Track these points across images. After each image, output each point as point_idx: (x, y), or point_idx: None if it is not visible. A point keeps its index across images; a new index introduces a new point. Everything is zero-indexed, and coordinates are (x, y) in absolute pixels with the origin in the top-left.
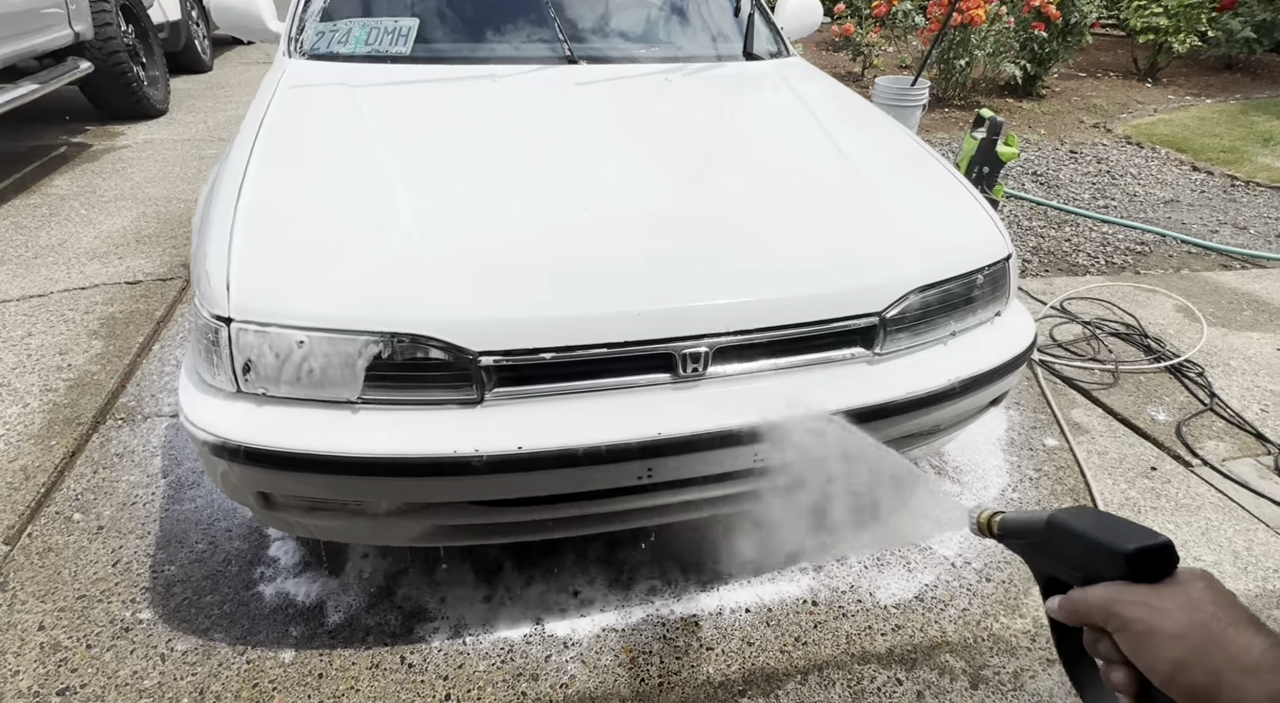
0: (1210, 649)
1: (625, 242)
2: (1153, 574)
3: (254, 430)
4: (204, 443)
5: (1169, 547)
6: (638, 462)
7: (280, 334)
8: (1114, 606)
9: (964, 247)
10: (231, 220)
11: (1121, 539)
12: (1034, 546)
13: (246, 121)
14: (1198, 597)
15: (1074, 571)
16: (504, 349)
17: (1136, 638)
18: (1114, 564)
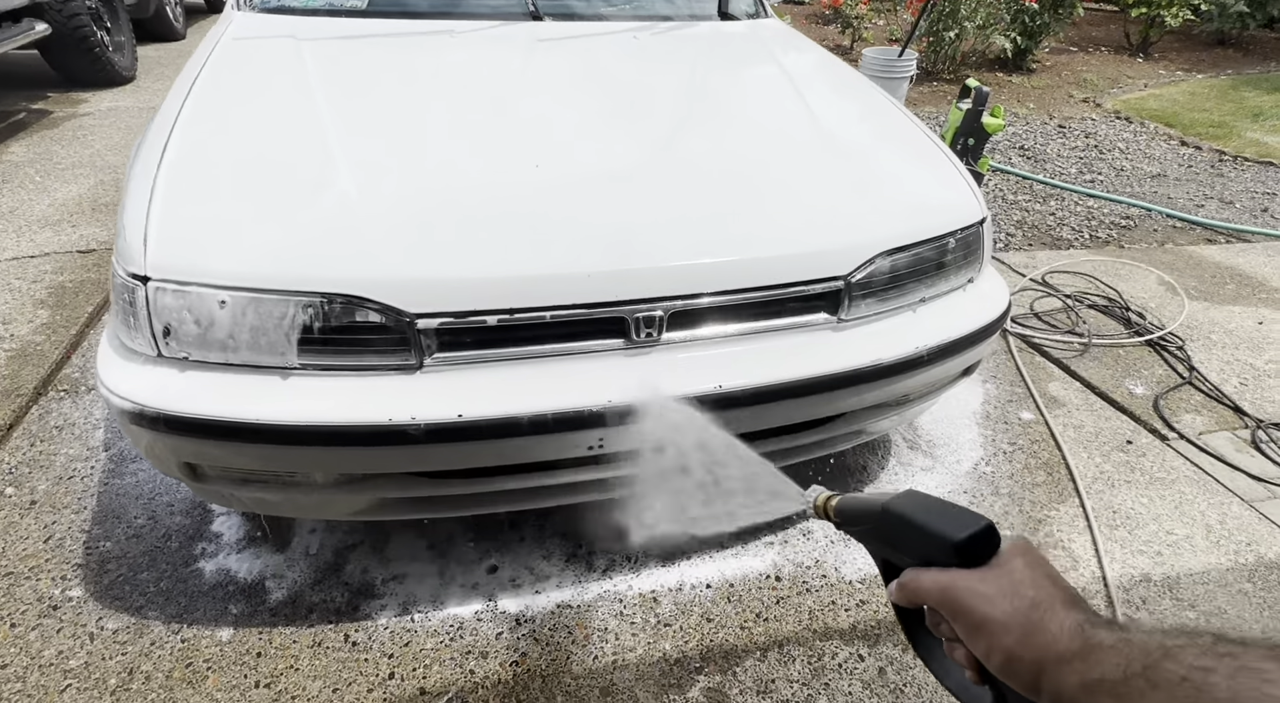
0: (1030, 639)
1: (577, 201)
2: (978, 558)
3: (174, 397)
4: (121, 411)
5: (991, 529)
6: (588, 431)
7: (201, 294)
8: (946, 594)
9: (936, 209)
10: (155, 173)
11: (950, 527)
12: (870, 531)
13: (183, 73)
14: (1018, 579)
15: (908, 556)
16: (443, 311)
17: (970, 628)
18: (944, 551)
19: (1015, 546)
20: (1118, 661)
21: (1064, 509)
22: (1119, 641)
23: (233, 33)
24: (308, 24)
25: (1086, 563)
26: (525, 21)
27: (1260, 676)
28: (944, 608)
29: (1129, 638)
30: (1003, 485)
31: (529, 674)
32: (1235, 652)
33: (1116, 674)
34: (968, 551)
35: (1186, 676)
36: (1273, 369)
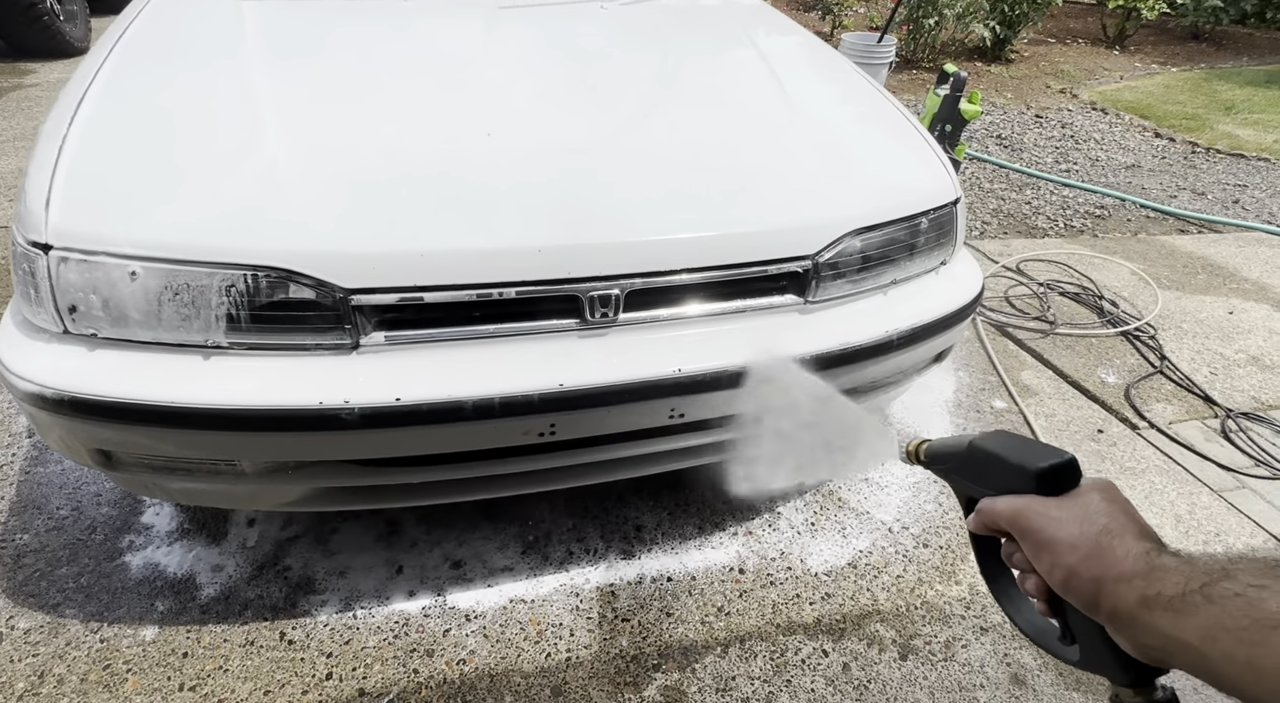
0: (1096, 559)
1: (530, 172)
2: (1058, 488)
3: (81, 378)
4: (23, 392)
5: (1073, 463)
6: (537, 416)
7: (109, 265)
8: (1019, 516)
9: (908, 189)
10: (64, 133)
11: (1032, 458)
12: (956, 469)
13: (110, 30)
14: (1094, 508)
15: (990, 489)
16: (380, 287)
17: (1037, 546)
18: (1024, 479)
19: (1098, 483)
20: (1177, 579)
21: None
22: (1182, 563)
23: None
24: None
25: None
26: None
27: None
28: (1014, 528)
29: (1193, 560)
30: None
31: (476, 674)
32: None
33: (1175, 590)
34: (1047, 479)
35: (1240, 592)
36: (1242, 359)
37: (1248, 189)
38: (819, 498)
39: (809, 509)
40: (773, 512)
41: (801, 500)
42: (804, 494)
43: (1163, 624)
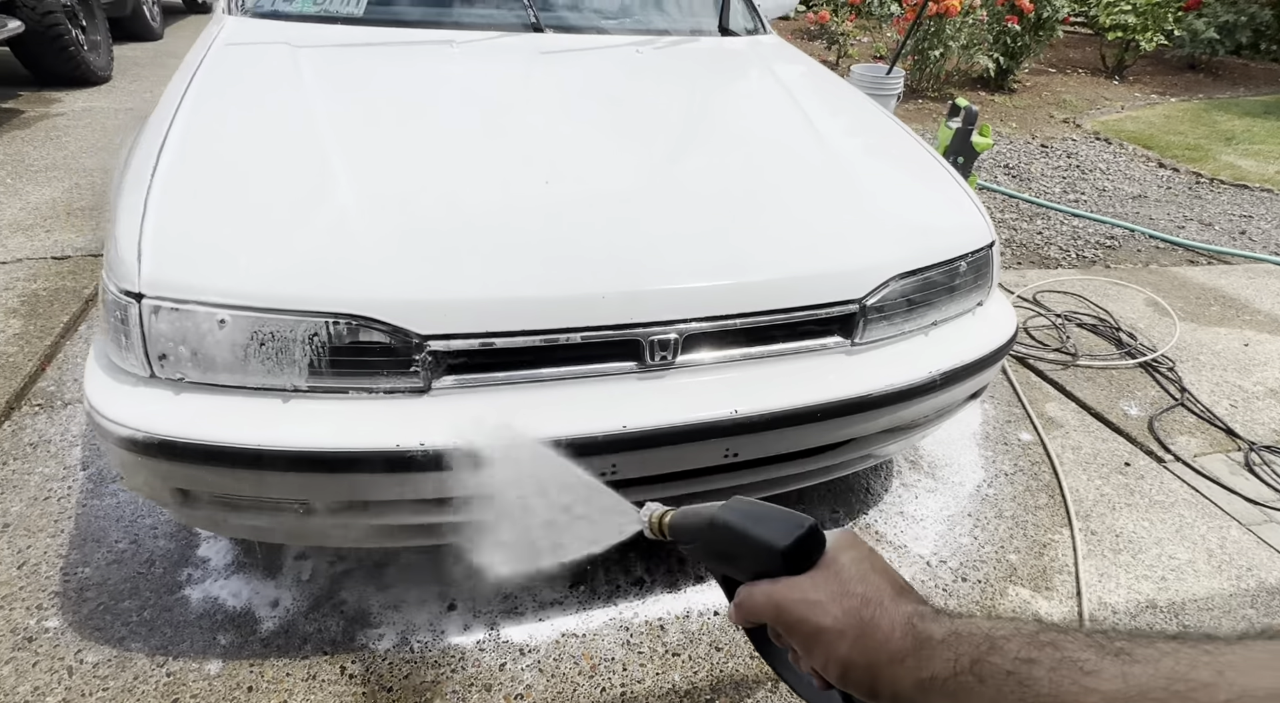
0: (864, 641)
1: (588, 220)
2: (807, 562)
3: (168, 421)
4: (111, 434)
5: (815, 530)
6: (600, 457)
7: (199, 313)
8: (780, 611)
9: (947, 232)
10: (148, 184)
11: (775, 534)
12: (703, 546)
13: (174, 79)
14: (846, 576)
15: (742, 571)
16: (453, 333)
17: (806, 641)
18: (772, 560)
19: (839, 540)
20: (948, 656)
21: (1066, 534)
22: (948, 634)
23: (225, 37)
24: (303, 30)
25: (1093, 588)
26: (526, 33)
27: (1079, 667)
28: (779, 624)
29: (957, 630)
30: (1006, 508)
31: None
32: (1057, 641)
33: (947, 671)
34: (795, 556)
35: (1011, 670)
36: (1261, 391)
37: (1253, 220)
38: (856, 531)
39: None
40: None
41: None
42: (840, 525)
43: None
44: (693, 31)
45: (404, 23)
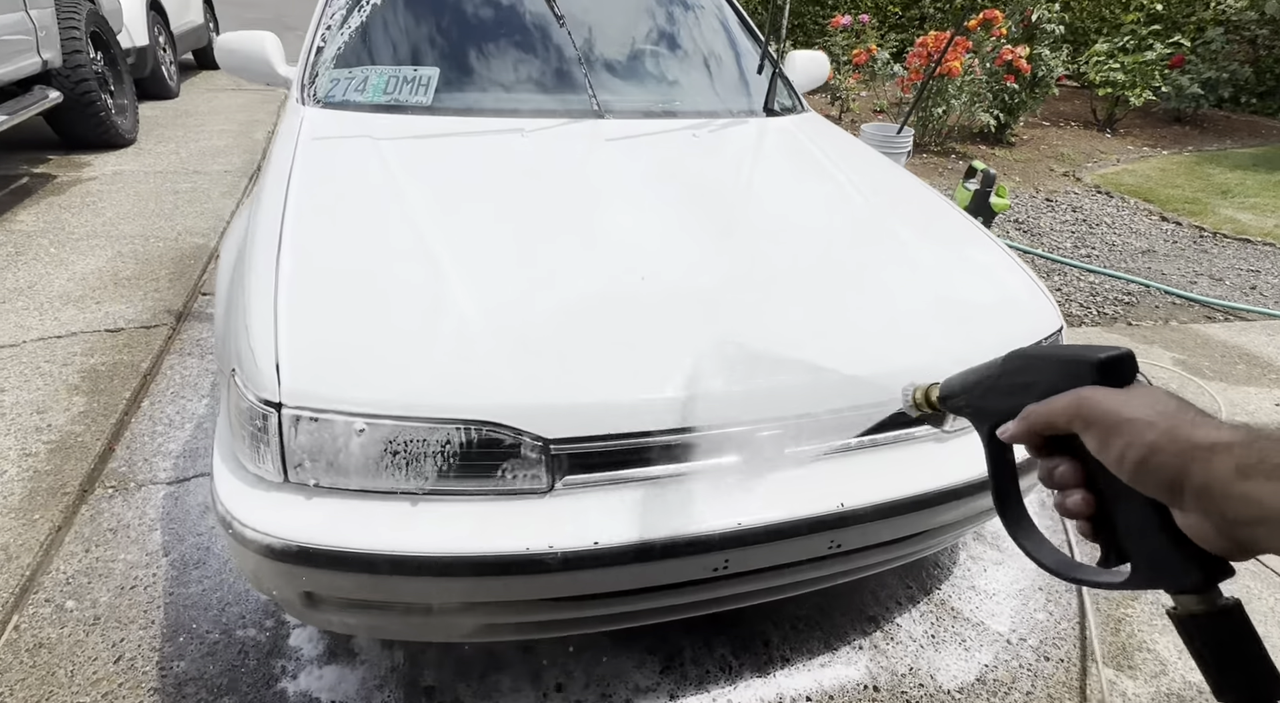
0: (1179, 432)
1: (690, 317)
2: (1119, 380)
3: (305, 528)
4: (248, 541)
5: (1131, 356)
6: (715, 554)
7: (337, 422)
8: (1083, 404)
9: (1021, 318)
10: (274, 293)
11: (1088, 351)
12: (983, 395)
13: (270, 177)
14: (1162, 396)
15: (1034, 397)
16: (578, 436)
17: (1107, 430)
18: (1082, 372)
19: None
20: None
21: (1139, 607)
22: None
23: (309, 131)
24: (378, 122)
25: (1174, 667)
26: (589, 119)
27: None
28: (1078, 417)
29: None
30: None
31: None
32: None
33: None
34: (1109, 369)
35: None
36: None
37: (1261, 274)
38: (931, 607)
39: (925, 620)
40: (890, 622)
41: (916, 611)
42: (916, 604)
43: (1264, 494)
44: (740, 112)
45: (470, 112)
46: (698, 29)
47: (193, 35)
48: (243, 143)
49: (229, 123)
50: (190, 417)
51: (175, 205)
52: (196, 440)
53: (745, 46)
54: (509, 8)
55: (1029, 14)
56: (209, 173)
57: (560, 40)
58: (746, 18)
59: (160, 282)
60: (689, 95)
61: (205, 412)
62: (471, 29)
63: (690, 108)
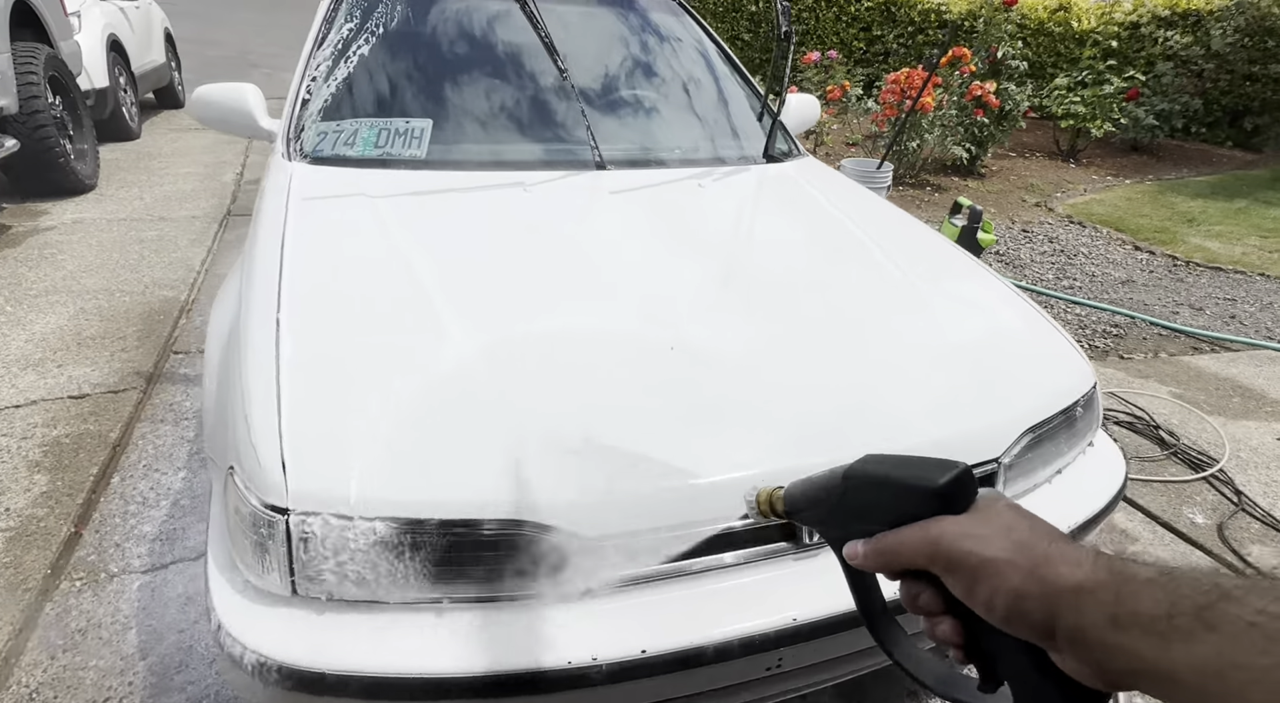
0: (1043, 571)
1: (727, 394)
2: (963, 504)
3: (321, 650)
4: (259, 668)
5: (969, 471)
6: (770, 653)
7: (352, 527)
8: (938, 546)
9: (1058, 377)
10: (275, 382)
11: (927, 475)
12: (830, 510)
13: (262, 240)
14: (1009, 519)
15: (879, 522)
16: (620, 532)
17: (970, 573)
18: (924, 501)
19: (992, 493)
20: (1158, 596)
21: None
22: (1158, 575)
23: (299, 189)
24: (372, 178)
25: None
26: (589, 171)
27: None
28: (936, 560)
29: (1170, 573)
30: None
31: None
32: None
33: (1158, 610)
34: (950, 496)
35: (1254, 621)
36: None
37: (1237, 302)
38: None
39: None
40: (930, 696)
41: None
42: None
43: (1141, 648)
44: (740, 160)
45: (465, 165)
46: (692, 77)
47: (154, 75)
48: (210, 186)
49: (194, 165)
50: (165, 492)
51: (141, 255)
52: (174, 520)
53: (739, 93)
54: (502, 56)
55: (994, 50)
56: (175, 219)
57: (559, 90)
58: (738, 63)
59: (127, 340)
60: (688, 144)
61: (182, 486)
62: (464, 79)
63: (690, 156)
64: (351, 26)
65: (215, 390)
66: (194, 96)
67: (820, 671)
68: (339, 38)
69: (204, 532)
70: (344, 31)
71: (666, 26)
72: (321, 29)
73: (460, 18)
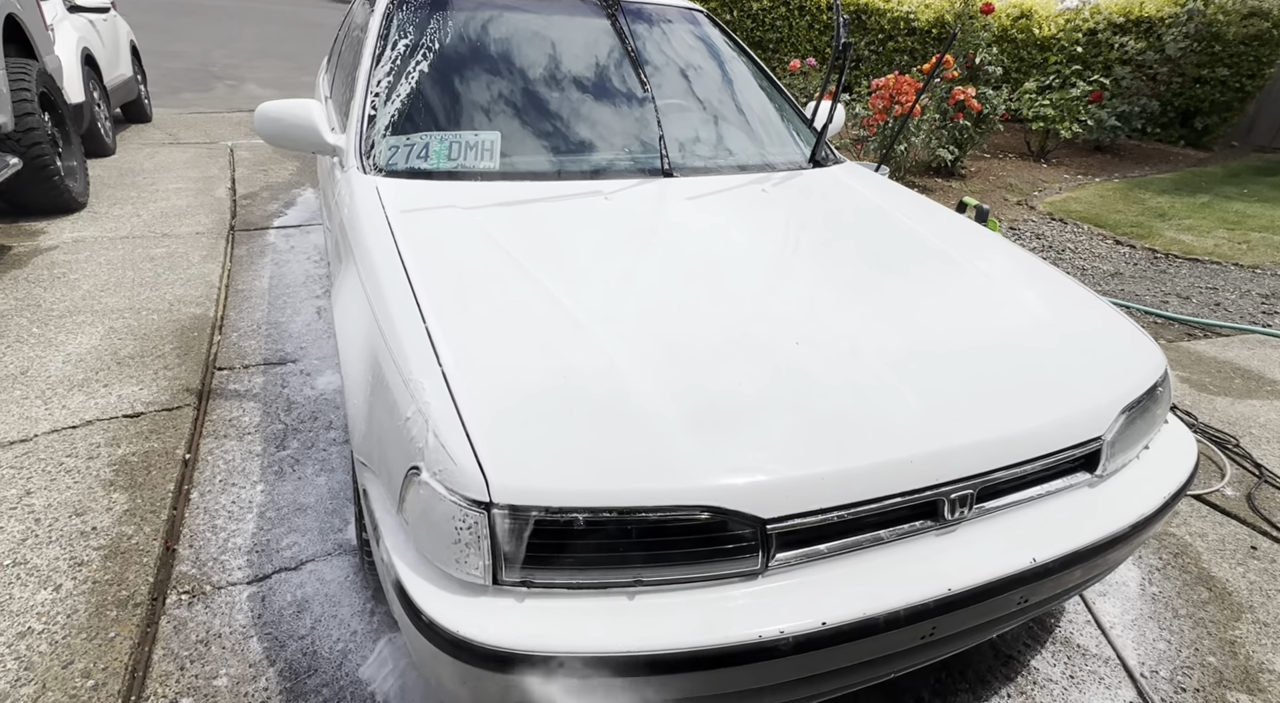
0: None
1: (856, 381)
2: None
3: (529, 634)
4: (469, 653)
5: None
6: (928, 621)
7: (552, 518)
8: None
9: (1140, 360)
10: (447, 390)
11: None
12: None
13: (375, 252)
14: None
15: None
16: (792, 513)
17: None
18: None
19: None
20: None
21: (1244, 628)
22: None
23: (393, 203)
24: (456, 190)
25: None
26: (658, 178)
27: None
28: None
29: None
30: (1180, 607)
31: None
32: None
33: None
34: None
35: None
36: None
37: (1219, 291)
38: (1059, 646)
39: (1058, 660)
40: (1025, 664)
41: (1045, 651)
42: (1042, 644)
43: None
44: (790, 165)
45: (535, 175)
46: (733, 88)
47: (124, 88)
48: (206, 202)
49: (182, 181)
50: (248, 506)
51: (155, 273)
52: (264, 532)
53: (774, 103)
54: (563, 68)
55: (971, 57)
56: (180, 236)
57: (628, 99)
58: (771, 74)
59: (167, 358)
60: (738, 151)
61: (264, 500)
62: (524, 91)
63: (743, 163)
64: (408, 43)
65: (365, 401)
66: (258, 113)
67: (962, 639)
68: (397, 53)
69: (298, 542)
70: (400, 48)
71: (707, 40)
72: (377, 46)
73: (513, 30)
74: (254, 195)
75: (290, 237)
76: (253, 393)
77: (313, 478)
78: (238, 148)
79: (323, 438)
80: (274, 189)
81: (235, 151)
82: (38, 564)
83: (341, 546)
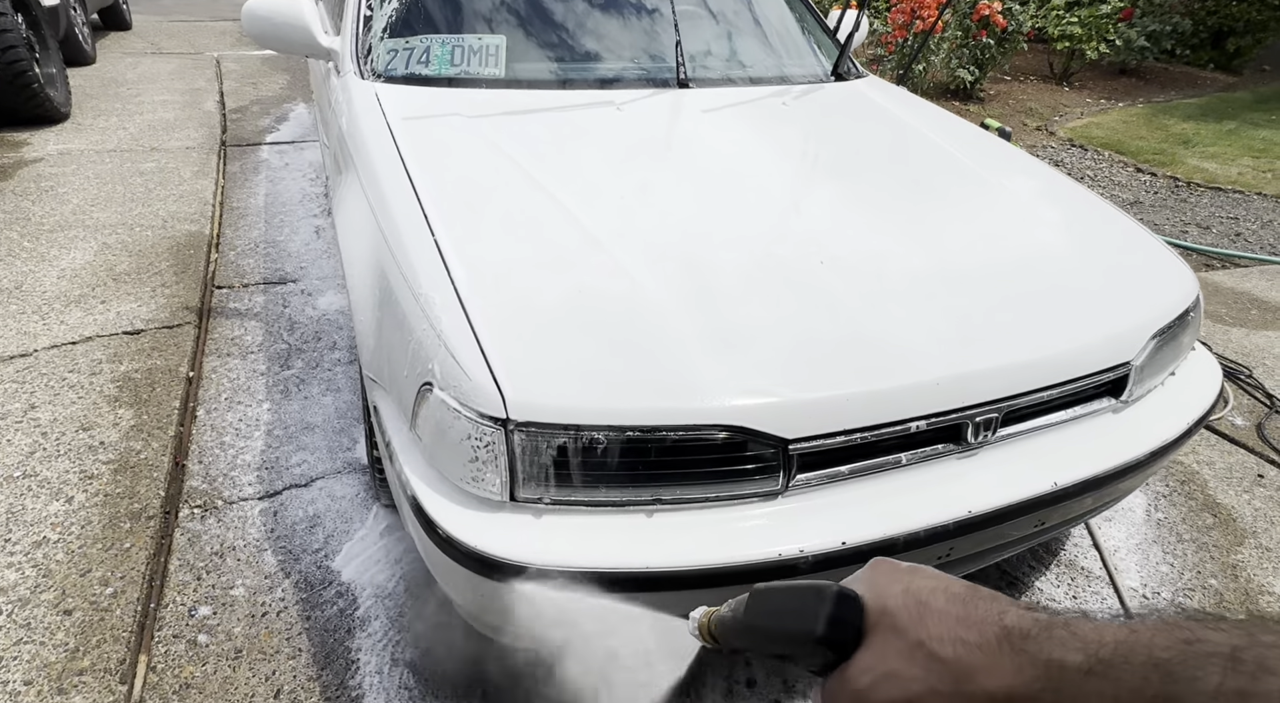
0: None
1: (883, 304)
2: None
3: (545, 549)
4: (489, 567)
5: (843, 596)
6: (946, 542)
7: (570, 435)
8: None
9: (1172, 284)
10: (459, 304)
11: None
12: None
13: (378, 162)
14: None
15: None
16: (815, 434)
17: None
18: (819, 652)
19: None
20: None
21: (1246, 552)
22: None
23: (394, 110)
24: (460, 97)
25: None
26: (673, 89)
27: None
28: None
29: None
30: (1184, 532)
31: None
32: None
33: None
34: (838, 639)
35: None
36: None
37: (1240, 221)
38: (1063, 568)
39: (1062, 582)
40: (1030, 586)
41: (1050, 573)
42: (1047, 566)
43: None
44: (812, 78)
45: (545, 84)
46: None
47: None
48: (193, 115)
49: (168, 92)
50: (255, 424)
51: (146, 188)
52: (272, 450)
53: (800, 10)
54: None
55: None
56: (169, 150)
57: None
58: None
59: (164, 275)
60: (760, 62)
61: (271, 418)
62: None
63: (765, 74)
64: None
65: (374, 317)
66: (244, 11)
67: (976, 560)
68: None
69: (306, 460)
70: None
71: None
72: None
73: None
74: (244, 110)
75: (284, 153)
76: (254, 312)
77: (319, 397)
78: (224, 59)
79: (327, 358)
80: (265, 103)
81: (222, 63)
82: (48, 477)
83: (351, 464)
